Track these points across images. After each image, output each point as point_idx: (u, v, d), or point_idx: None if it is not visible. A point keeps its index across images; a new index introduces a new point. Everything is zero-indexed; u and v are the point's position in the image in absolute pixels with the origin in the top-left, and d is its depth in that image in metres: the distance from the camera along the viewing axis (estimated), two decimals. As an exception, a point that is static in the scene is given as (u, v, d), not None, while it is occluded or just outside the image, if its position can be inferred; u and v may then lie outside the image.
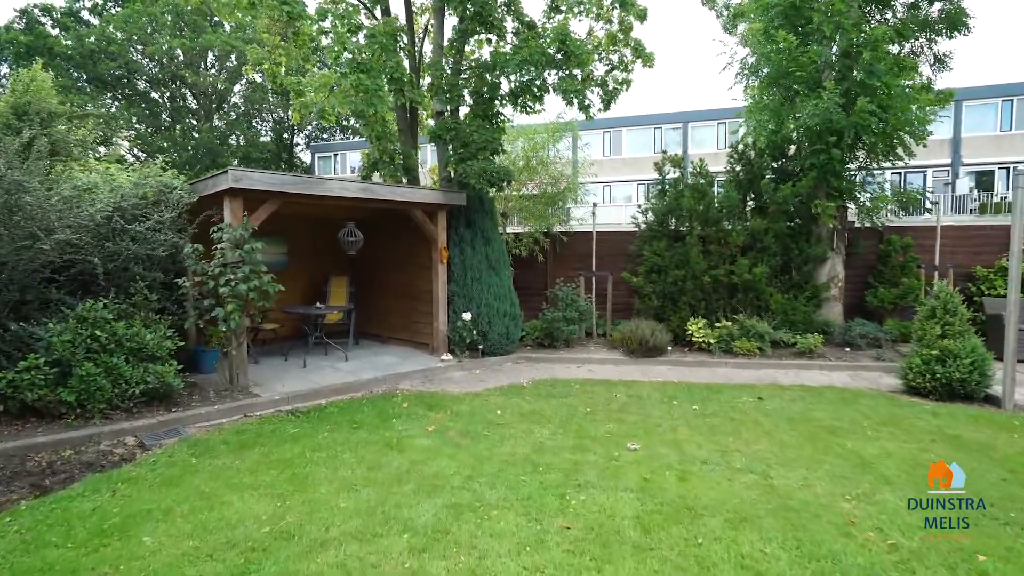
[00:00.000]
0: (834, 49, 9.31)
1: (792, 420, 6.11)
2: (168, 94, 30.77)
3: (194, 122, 30.89)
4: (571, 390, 7.53)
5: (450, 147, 9.16)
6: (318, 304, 8.88)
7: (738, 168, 10.45)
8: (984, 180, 28.69)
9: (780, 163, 10.36)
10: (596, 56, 9.09)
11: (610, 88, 9.65)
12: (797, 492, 4.23)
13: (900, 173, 27.59)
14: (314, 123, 34.99)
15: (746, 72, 10.63)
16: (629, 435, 5.61)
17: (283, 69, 9.70)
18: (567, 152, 13.43)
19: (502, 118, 9.42)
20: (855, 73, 8.89)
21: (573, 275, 11.18)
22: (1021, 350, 8.46)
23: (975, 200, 26.02)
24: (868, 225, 10.14)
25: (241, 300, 6.50)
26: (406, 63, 9.33)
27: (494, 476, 4.53)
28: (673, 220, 10.38)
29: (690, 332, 9.78)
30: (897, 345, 9.55)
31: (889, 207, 9.79)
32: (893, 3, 10.28)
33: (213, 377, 7.22)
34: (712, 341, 9.56)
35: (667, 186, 10.54)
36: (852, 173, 10.02)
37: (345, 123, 33.93)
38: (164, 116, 30.27)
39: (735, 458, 4.94)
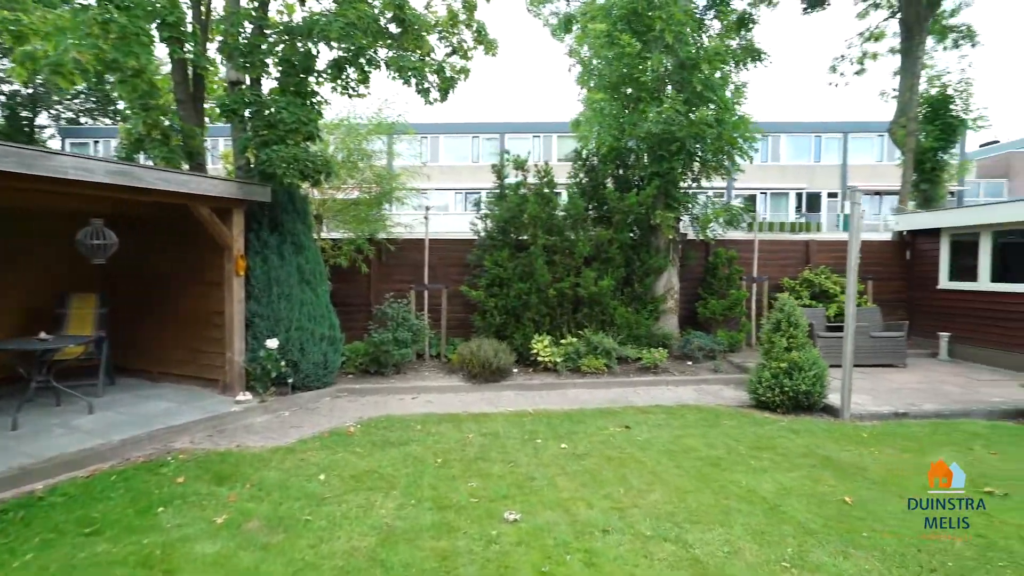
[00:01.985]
0: (668, 63, 9.24)
1: (671, 453, 5.43)
2: None
3: None
4: (412, 433, 6.10)
5: (249, 127, 7.15)
6: (43, 334, 6.19)
7: (582, 175, 9.96)
8: (748, 203, 33.43)
9: (621, 172, 10.10)
10: (436, 33, 7.80)
11: (447, 75, 8.43)
12: (729, 565, 3.37)
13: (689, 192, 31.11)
14: (73, 101, 28.34)
15: (589, 76, 10.22)
16: (501, 496, 4.39)
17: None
18: (395, 154, 11.78)
19: (319, 99, 7.64)
20: (694, 84, 8.88)
21: (403, 289, 9.72)
22: (833, 355, 9.09)
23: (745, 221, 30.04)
24: (701, 238, 10.32)
25: None
26: (188, 13, 7.11)
27: (327, 603, 2.97)
28: (515, 228, 9.49)
29: (535, 351, 8.95)
30: (728, 355, 9.77)
31: (720, 220, 10.03)
32: (709, 29, 10.73)
33: None
34: (558, 360, 8.83)
35: (508, 191, 9.64)
36: (687, 187, 10.13)
37: (111, 99, 28.02)
38: None
39: (637, 518, 3.99)
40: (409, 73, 7.25)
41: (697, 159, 9.59)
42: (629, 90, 9.58)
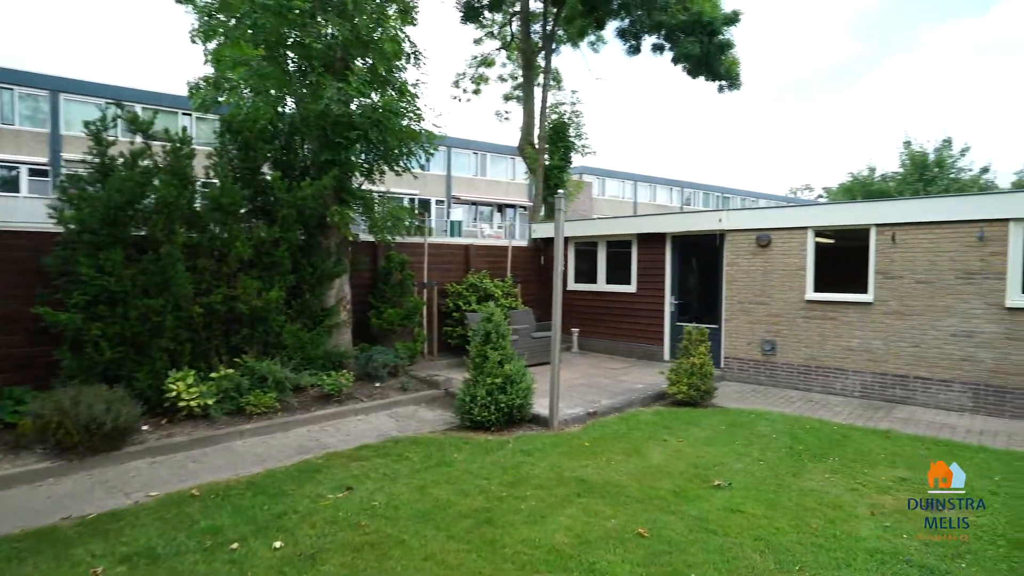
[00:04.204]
0: (345, 30, 7.81)
1: (429, 518, 4.22)
2: None
3: None
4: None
5: None
6: None
7: (233, 153, 7.52)
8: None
9: (285, 156, 8.07)
10: None
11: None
12: None
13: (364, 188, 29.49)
14: None
15: (222, 31, 7.79)
16: None
17: None
18: None
19: None
20: (375, 64, 7.68)
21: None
22: (535, 355, 9.35)
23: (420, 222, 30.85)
24: (372, 241, 9.16)
25: None
26: None
27: None
28: (132, 219, 6.53)
29: (174, 392, 6.34)
30: (409, 369, 8.95)
31: (398, 220, 9.02)
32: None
33: None
34: (211, 402, 6.47)
35: (119, 164, 6.56)
36: (360, 182, 8.83)
37: None
38: None
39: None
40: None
41: (376, 150, 8.43)
42: (293, 55, 7.76)
